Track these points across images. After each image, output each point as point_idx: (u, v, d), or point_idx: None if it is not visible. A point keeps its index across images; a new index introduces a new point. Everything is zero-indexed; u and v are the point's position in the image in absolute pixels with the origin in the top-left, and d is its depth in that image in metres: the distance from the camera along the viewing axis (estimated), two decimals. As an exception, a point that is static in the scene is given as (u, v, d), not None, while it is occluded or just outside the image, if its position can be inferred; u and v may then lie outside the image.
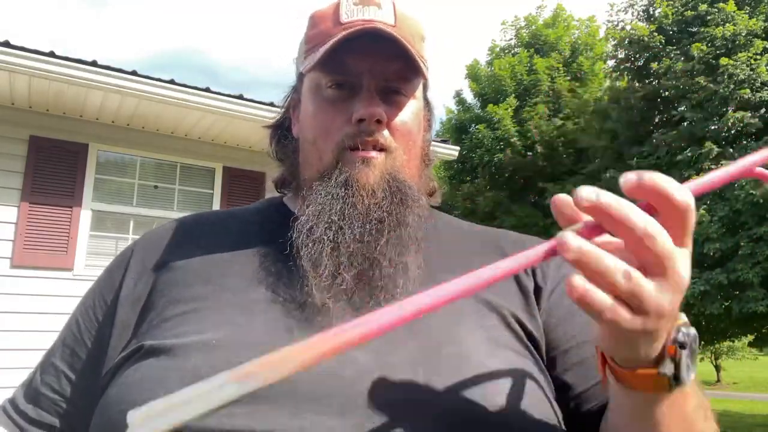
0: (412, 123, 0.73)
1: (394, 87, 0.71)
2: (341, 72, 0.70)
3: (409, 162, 0.73)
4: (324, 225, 0.66)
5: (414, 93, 0.74)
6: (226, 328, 0.60)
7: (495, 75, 15.32)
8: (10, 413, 0.71)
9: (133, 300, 0.68)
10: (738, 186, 8.69)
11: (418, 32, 0.74)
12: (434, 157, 0.83)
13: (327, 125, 0.70)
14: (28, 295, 4.19)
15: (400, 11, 0.72)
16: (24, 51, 3.83)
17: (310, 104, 0.73)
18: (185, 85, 4.43)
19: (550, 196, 13.25)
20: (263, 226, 0.76)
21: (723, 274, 8.77)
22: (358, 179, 0.67)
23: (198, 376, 0.55)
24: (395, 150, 0.71)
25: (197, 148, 5.10)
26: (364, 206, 0.67)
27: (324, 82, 0.71)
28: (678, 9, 10.88)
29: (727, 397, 18.28)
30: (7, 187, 4.31)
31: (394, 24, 0.70)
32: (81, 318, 0.73)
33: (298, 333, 0.59)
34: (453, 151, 5.79)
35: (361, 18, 0.69)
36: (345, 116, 0.70)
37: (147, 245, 0.75)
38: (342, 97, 0.71)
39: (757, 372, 26.34)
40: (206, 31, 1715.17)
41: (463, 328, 0.63)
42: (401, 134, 0.71)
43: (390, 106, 0.71)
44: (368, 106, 0.68)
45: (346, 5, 0.71)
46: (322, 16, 0.73)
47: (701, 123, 9.81)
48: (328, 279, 0.63)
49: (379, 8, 0.71)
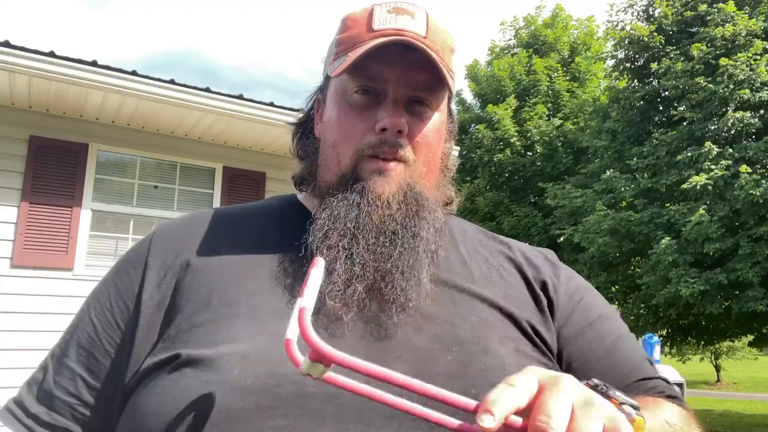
0: (434, 136, 0.73)
1: (420, 98, 0.71)
2: (369, 78, 0.70)
3: (428, 174, 0.73)
4: (339, 232, 0.66)
5: (439, 105, 0.74)
6: (260, 338, 0.60)
7: (494, 75, 15.32)
8: (19, 416, 0.68)
9: (158, 301, 0.67)
10: (738, 186, 8.69)
11: (448, 44, 0.74)
12: (454, 168, 0.83)
13: (349, 131, 0.70)
14: (28, 295, 4.19)
15: (432, 22, 0.72)
16: (24, 51, 3.83)
17: (335, 107, 0.73)
18: (185, 85, 4.43)
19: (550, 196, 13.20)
20: (282, 226, 0.75)
21: (723, 273, 8.78)
22: (374, 189, 0.68)
23: (242, 386, 0.56)
24: (414, 162, 0.71)
25: (197, 148, 5.10)
26: (379, 217, 0.67)
27: (350, 87, 0.71)
28: (678, 9, 10.88)
29: (727, 397, 18.27)
30: (7, 187, 4.31)
31: (426, 35, 0.70)
32: (97, 319, 0.70)
33: None
34: (453, 152, 5.79)
35: (394, 27, 0.69)
36: (368, 124, 0.70)
37: (165, 242, 0.73)
38: (367, 104, 0.71)
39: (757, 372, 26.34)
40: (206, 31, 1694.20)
41: (492, 340, 0.64)
42: (421, 147, 0.71)
43: (413, 117, 0.71)
44: (392, 116, 0.68)
45: (380, 12, 0.71)
46: (355, 20, 0.73)
47: (701, 123, 9.82)
48: (340, 287, 0.64)
49: (413, 18, 0.71)
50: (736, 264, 8.75)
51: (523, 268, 0.76)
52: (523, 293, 0.73)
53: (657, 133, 10.57)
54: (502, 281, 0.74)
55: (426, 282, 0.67)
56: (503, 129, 14.15)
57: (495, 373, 0.59)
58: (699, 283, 8.77)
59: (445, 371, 0.59)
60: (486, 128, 14.56)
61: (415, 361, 0.60)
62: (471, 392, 0.56)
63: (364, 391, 0.42)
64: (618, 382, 0.69)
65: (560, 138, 14.03)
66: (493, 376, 0.58)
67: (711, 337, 11.73)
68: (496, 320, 0.67)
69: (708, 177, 8.99)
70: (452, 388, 0.56)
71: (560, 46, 15.46)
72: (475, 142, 14.77)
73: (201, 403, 0.55)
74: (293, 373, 0.55)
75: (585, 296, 0.77)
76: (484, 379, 0.59)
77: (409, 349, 0.62)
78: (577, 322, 0.73)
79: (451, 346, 0.62)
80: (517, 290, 0.73)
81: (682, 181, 9.44)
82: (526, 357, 0.65)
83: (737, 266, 8.70)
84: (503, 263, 0.77)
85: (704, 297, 8.91)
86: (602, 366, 0.71)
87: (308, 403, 0.55)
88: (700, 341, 12.33)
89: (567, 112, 14.52)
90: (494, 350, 0.63)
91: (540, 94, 14.59)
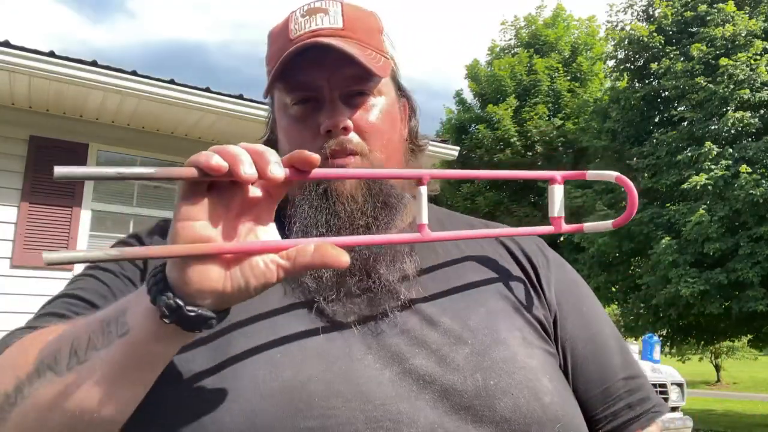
0: (382, 120, 0.73)
1: (356, 90, 0.71)
2: (300, 89, 0.71)
3: (389, 160, 0.72)
4: (314, 237, 0.66)
5: (378, 89, 0.73)
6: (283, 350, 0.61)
7: (495, 75, 15.30)
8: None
9: None
10: (738, 186, 8.69)
11: (372, 26, 0.74)
12: (425, 143, 0.82)
13: (298, 141, 0.71)
14: (28, 295, 4.19)
15: (348, 12, 0.72)
16: (24, 51, 3.83)
17: (282, 122, 0.74)
18: (185, 85, 4.42)
19: (550, 196, 13.29)
20: None
21: (723, 273, 8.78)
22: (336, 188, 0.68)
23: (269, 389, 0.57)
24: (369, 152, 0.71)
25: (197, 148, 5.03)
26: (347, 213, 0.67)
27: (288, 101, 0.72)
28: (677, 9, 10.88)
29: (727, 397, 18.28)
30: (7, 187, 4.31)
31: (342, 27, 0.70)
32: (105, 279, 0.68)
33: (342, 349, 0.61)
34: (453, 151, 5.78)
35: (309, 30, 0.70)
36: (313, 130, 0.70)
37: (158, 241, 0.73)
38: (307, 112, 0.71)
39: (757, 372, 26.32)
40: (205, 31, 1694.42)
41: (502, 330, 0.66)
42: (372, 135, 0.71)
43: (354, 109, 0.71)
44: (332, 116, 0.69)
45: (294, 19, 0.72)
46: (277, 33, 0.74)
47: (701, 123, 9.82)
48: (333, 290, 0.65)
49: (326, 14, 0.71)
50: (736, 264, 8.75)
51: (514, 252, 0.78)
52: (517, 275, 0.74)
53: (657, 133, 10.56)
54: (498, 266, 0.75)
55: (412, 271, 0.67)
56: (503, 129, 14.14)
57: (507, 365, 0.61)
58: (699, 283, 8.77)
59: (464, 364, 0.61)
60: (486, 128, 14.55)
61: (435, 356, 0.61)
62: (490, 383, 0.59)
63: None
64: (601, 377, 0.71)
65: (561, 138, 14.02)
66: (506, 368, 0.61)
67: (711, 336, 11.72)
68: (501, 309, 0.69)
69: (708, 177, 8.99)
70: (473, 380, 0.59)
71: (561, 46, 15.45)
72: (475, 142, 14.76)
73: (227, 408, 0.56)
74: (320, 371, 0.57)
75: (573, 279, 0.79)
76: (501, 370, 0.61)
77: (429, 345, 0.62)
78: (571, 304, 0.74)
79: (467, 339, 0.63)
80: (510, 274, 0.74)
81: (682, 181, 9.44)
82: (532, 346, 0.66)
83: (737, 266, 8.70)
84: (498, 249, 0.77)
85: (704, 297, 8.91)
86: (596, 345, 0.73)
87: (336, 401, 0.56)
88: (700, 341, 12.32)
89: (568, 112, 14.51)
90: (504, 341, 0.64)
91: (540, 94, 14.58)
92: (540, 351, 0.66)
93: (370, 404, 0.56)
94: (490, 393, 0.58)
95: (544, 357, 0.66)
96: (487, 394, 0.58)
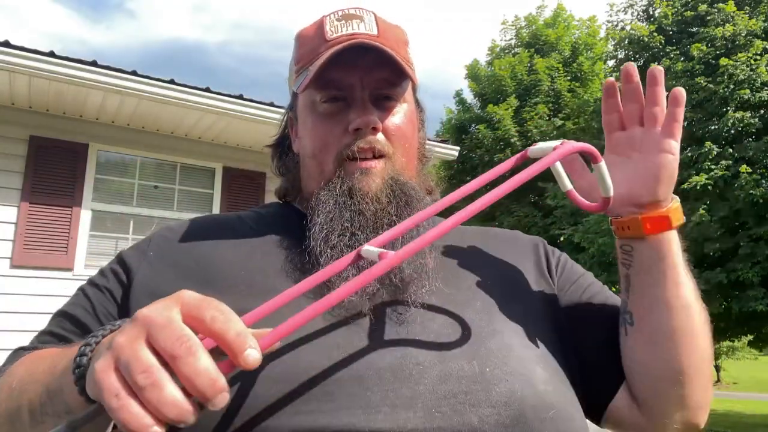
0: (406, 125, 0.77)
1: (385, 93, 0.75)
2: (333, 87, 0.74)
3: (409, 164, 0.76)
4: (338, 232, 0.68)
5: (404, 96, 0.77)
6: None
7: (495, 75, 15.31)
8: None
9: (149, 291, 0.68)
10: (738, 186, 8.69)
11: (401, 38, 0.78)
12: (430, 155, 0.86)
13: (325, 138, 0.73)
14: (28, 295, 4.19)
15: (381, 21, 0.76)
16: (24, 51, 3.83)
17: (308, 120, 0.76)
18: (185, 85, 4.42)
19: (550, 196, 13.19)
20: (280, 229, 0.77)
21: (723, 273, 8.78)
22: (361, 188, 0.70)
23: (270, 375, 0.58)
24: (393, 154, 0.74)
25: (197, 148, 5.10)
26: (372, 213, 0.70)
27: (318, 99, 0.75)
28: (678, 9, 10.88)
29: (727, 397, 18.27)
30: (7, 187, 4.31)
31: (377, 34, 0.74)
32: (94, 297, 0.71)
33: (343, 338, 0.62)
34: (453, 151, 5.79)
35: (346, 33, 0.73)
36: (342, 127, 0.73)
37: (165, 240, 0.75)
38: (337, 110, 0.74)
39: (757, 372, 26.31)
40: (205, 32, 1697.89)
41: (498, 320, 0.68)
42: (397, 138, 0.75)
43: (383, 112, 0.74)
44: (363, 114, 0.72)
45: (330, 22, 0.75)
46: (308, 35, 0.76)
47: (701, 123, 9.81)
48: (338, 279, 0.65)
49: (362, 21, 0.75)
50: (736, 264, 8.76)
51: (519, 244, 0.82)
52: (522, 266, 0.78)
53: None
54: (505, 257, 0.79)
55: (431, 268, 0.69)
56: (504, 129, 14.14)
57: (503, 353, 0.63)
58: (699, 283, 8.71)
59: (461, 353, 0.62)
60: (486, 128, 14.55)
61: (434, 346, 0.63)
62: (486, 370, 0.61)
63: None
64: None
65: (561, 138, 14.02)
66: (502, 356, 0.63)
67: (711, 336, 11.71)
68: (500, 300, 0.71)
69: (708, 177, 8.99)
70: (471, 367, 0.61)
71: (562, 46, 15.44)
72: (476, 142, 14.77)
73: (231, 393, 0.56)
74: (320, 358, 0.59)
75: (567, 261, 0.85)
76: (496, 358, 0.63)
77: (428, 335, 0.64)
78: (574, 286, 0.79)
79: (464, 330, 0.65)
80: (513, 265, 0.78)
81: (682, 181, 9.43)
82: (529, 335, 0.68)
83: (737, 266, 8.70)
84: (499, 241, 0.82)
85: (704, 297, 8.89)
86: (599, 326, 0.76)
87: (336, 388, 0.57)
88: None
89: (568, 112, 14.50)
90: (500, 331, 0.66)
91: (541, 94, 14.58)
92: (537, 340, 0.68)
93: (369, 390, 0.57)
94: (486, 379, 0.60)
95: (541, 346, 0.68)
96: (484, 380, 0.60)
